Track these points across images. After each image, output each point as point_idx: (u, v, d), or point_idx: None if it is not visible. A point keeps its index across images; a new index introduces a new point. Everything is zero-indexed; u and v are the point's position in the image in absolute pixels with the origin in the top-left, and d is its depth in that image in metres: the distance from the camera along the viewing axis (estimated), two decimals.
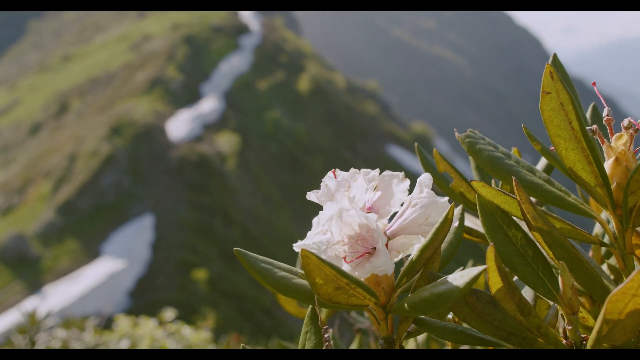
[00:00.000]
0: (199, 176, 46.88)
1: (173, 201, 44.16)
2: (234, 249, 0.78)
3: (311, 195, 0.81)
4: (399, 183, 0.78)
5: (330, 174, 0.80)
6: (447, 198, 0.75)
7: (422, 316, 0.77)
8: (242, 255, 0.80)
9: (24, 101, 73.09)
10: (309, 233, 0.80)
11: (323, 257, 0.72)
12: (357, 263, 0.73)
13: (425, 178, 0.77)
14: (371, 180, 0.78)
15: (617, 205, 0.74)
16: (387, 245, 0.75)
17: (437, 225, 0.72)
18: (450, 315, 0.84)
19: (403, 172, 0.78)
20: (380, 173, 0.81)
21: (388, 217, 0.78)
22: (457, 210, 0.86)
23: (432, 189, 0.75)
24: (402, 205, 0.78)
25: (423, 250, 0.73)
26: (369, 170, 0.79)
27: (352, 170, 0.79)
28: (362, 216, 0.73)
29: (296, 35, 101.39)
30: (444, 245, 0.83)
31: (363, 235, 0.74)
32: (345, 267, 0.73)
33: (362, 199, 0.78)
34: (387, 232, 0.75)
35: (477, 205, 0.76)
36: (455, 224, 0.79)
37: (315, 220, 0.80)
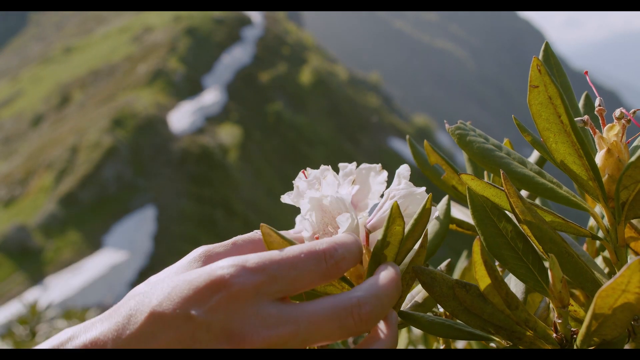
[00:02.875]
0: (200, 168, 46.89)
1: (175, 193, 44.20)
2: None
3: (285, 198, 0.80)
4: (376, 175, 0.77)
5: (300, 174, 0.80)
6: (424, 188, 0.74)
7: (409, 310, 0.77)
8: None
9: (25, 93, 73.06)
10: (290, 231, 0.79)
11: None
12: None
13: (403, 169, 0.76)
14: (348, 174, 0.78)
15: (609, 198, 0.74)
16: (367, 238, 0.75)
17: (415, 216, 0.72)
18: (442, 310, 0.87)
19: (380, 164, 0.77)
20: (382, 165, 0.80)
21: (367, 210, 0.77)
22: (444, 201, 0.88)
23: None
24: (381, 197, 0.77)
25: (403, 242, 0.72)
26: (346, 164, 0.78)
27: (322, 167, 0.78)
28: (338, 200, 0.73)
29: (298, 27, 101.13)
30: (429, 237, 0.83)
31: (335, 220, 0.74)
32: None
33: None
34: (367, 226, 0.74)
35: (467, 197, 0.75)
36: (436, 214, 0.78)
37: (298, 219, 0.80)
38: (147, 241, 39.59)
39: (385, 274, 0.68)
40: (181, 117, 53.78)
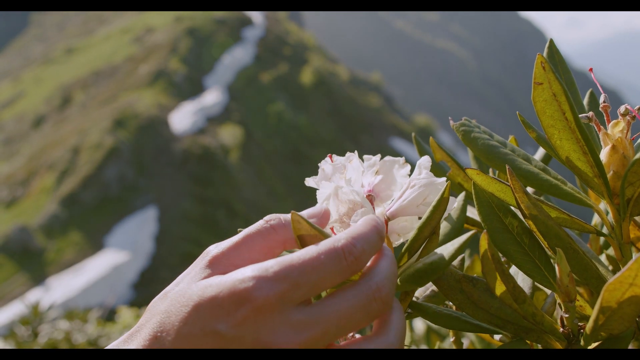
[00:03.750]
0: (202, 169, 46.93)
1: (176, 193, 44.24)
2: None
3: (310, 181, 0.82)
4: (399, 168, 0.79)
5: (327, 158, 0.81)
6: (444, 178, 0.75)
7: (418, 300, 0.77)
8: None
9: (27, 94, 73.14)
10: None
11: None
12: None
13: (424, 160, 0.78)
14: (372, 165, 0.79)
15: (614, 194, 0.73)
16: (386, 228, 0.75)
17: (433, 203, 0.72)
18: (450, 303, 0.88)
19: (404, 157, 0.79)
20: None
21: (389, 201, 0.78)
22: (460, 197, 0.88)
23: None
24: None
25: (421, 229, 0.73)
26: (370, 156, 0.80)
27: (348, 153, 0.80)
28: (353, 192, 0.74)
29: (299, 27, 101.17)
30: (446, 230, 0.83)
31: (354, 210, 0.76)
32: None
33: (359, 180, 0.78)
34: (387, 214, 0.75)
35: (473, 192, 0.75)
36: (454, 204, 0.78)
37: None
38: (149, 242, 39.64)
39: (388, 253, 0.69)
40: (182, 118, 53.83)
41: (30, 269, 37.90)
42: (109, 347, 0.68)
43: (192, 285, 0.67)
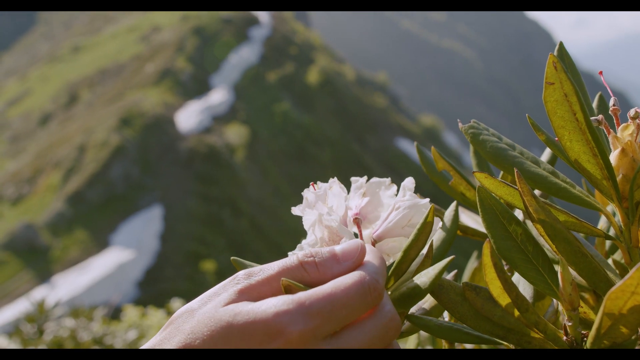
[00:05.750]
0: (207, 167, 47.00)
1: (182, 192, 44.33)
2: (232, 258, 0.79)
3: (295, 210, 0.82)
4: (385, 189, 0.80)
5: (310, 187, 0.82)
6: (427, 200, 0.76)
7: (417, 314, 0.78)
8: (239, 263, 0.81)
9: (34, 92, 73.40)
10: (303, 241, 0.82)
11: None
12: None
13: (408, 182, 0.79)
14: (359, 187, 0.80)
15: (623, 198, 0.73)
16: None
17: (418, 226, 0.74)
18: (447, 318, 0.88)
19: (390, 178, 0.80)
20: (369, 179, 0.82)
21: (377, 222, 0.80)
22: (452, 207, 0.88)
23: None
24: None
25: (407, 251, 0.74)
26: (357, 178, 0.81)
27: (331, 180, 0.81)
28: (331, 219, 0.76)
29: (306, 27, 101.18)
30: (437, 243, 0.85)
31: (336, 236, 0.78)
32: None
33: (341, 206, 0.79)
34: (374, 236, 0.77)
35: (477, 200, 0.75)
36: (440, 224, 0.80)
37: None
38: (154, 240, 39.74)
39: (375, 252, 0.72)
40: (188, 117, 53.93)
41: (35, 267, 38.04)
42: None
43: (219, 310, 0.67)
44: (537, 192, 0.95)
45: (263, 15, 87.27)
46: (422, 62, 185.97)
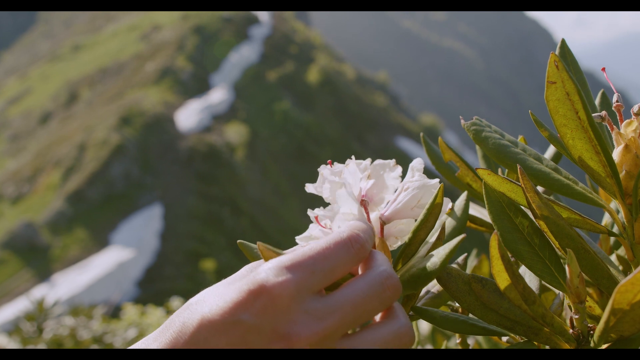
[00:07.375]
0: (208, 166, 47.00)
1: (182, 191, 44.32)
2: (238, 241, 0.79)
3: (309, 187, 0.82)
4: (390, 171, 0.79)
5: (326, 164, 0.82)
6: (437, 180, 0.76)
7: (423, 306, 0.78)
8: (246, 247, 0.80)
9: (34, 90, 73.40)
10: (311, 226, 0.81)
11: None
12: None
13: (417, 163, 0.78)
14: (364, 169, 0.79)
15: (627, 194, 0.73)
16: (382, 230, 0.77)
17: (427, 206, 0.73)
18: (457, 305, 0.88)
19: (394, 160, 0.79)
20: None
21: (382, 204, 0.79)
22: (463, 196, 0.88)
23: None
24: (395, 191, 0.79)
25: (416, 232, 0.74)
26: (360, 160, 0.80)
27: (348, 159, 0.80)
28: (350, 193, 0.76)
29: (306, 26, 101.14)
30: (447, 231, 0.83)
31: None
32: None
33: (356, 184, 0.78)
34: (382, 217, 0.77)
35: (484, 193, 0.75)
36: (449, 205, 0.79)
37: (311, 212, 0.81)
38: (154, 239, 39.73)
39: (377, 250, 0.73)
40: (188, 116, 53.93)
41: (35, 265, 38.05)
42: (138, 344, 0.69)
43: (225, 284, 0.69)
44: (540, 188, 0.94)
45: (263, 14, 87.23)
46: (422, 61, 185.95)
